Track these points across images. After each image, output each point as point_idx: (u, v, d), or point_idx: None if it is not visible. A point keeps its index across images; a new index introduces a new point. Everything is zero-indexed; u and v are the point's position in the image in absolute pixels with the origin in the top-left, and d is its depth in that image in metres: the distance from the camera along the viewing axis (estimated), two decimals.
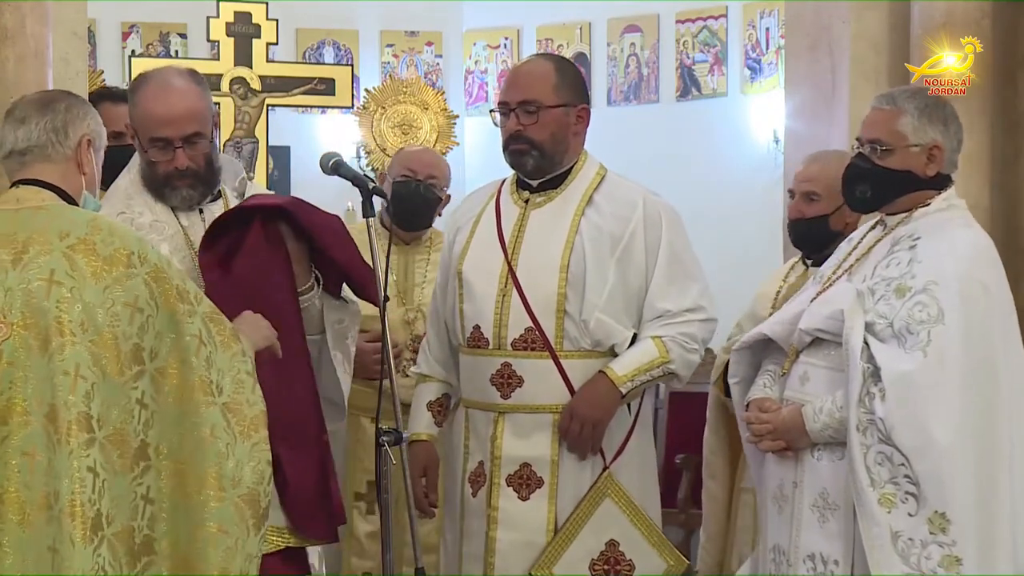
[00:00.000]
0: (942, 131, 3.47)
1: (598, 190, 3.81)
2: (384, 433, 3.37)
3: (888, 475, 3.24)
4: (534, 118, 3.74)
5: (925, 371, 3.27)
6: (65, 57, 4.19)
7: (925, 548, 3.23)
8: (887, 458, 3.25)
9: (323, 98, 9.53)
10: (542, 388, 3.74)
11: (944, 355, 3.27)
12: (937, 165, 3.47)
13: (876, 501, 3.24)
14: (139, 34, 10.44)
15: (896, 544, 3.23)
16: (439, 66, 11.20)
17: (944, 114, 3.49)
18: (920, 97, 3.53)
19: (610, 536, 3.73)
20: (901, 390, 3.26)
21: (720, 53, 10.30)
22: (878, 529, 3.24)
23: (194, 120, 3.47)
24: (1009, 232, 5.06)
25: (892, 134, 3.46)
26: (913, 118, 3.45)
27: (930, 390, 3.26)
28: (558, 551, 3.70)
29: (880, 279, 3.40)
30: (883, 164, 3.47)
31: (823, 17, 5.14)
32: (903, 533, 3.23)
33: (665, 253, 3.77)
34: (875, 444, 3.26)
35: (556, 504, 3.72)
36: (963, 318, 3.30)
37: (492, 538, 3.75)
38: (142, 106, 3.48)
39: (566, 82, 3.80)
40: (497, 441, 3.76)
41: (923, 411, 3.25)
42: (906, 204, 3.50)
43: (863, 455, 3.26)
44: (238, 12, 9.03)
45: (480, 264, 3.83)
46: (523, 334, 3.74)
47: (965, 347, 3.29)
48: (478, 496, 3.79)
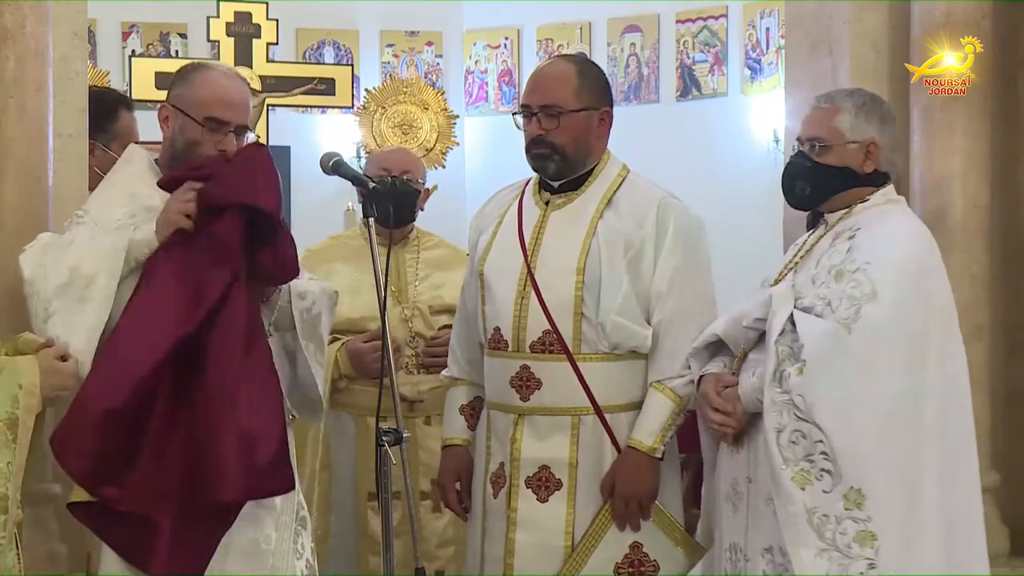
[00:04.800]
0: (879, 128, 3.56)
1: (618, 191, 3.80)
2: (384, 433, 3.36)
3: (803, 452, 3.27)
4: (555, 122, 3.73)
5: (849, 347, 3.30)
6: (65, 57, 4.18)
7: (840, 523, 3.25)
8: (803, 435, 3.27)
9: (323, 98, 9.53)
10: (560, 391, 3.72)
11: (872, 332, 3.30)
12: (874, 162, 3.56)
13: (790, 479, 3.27)
14: (139, 34, 10.45)
15: (811, 520, 3.26)
16: (439, 66, 11.21)
17: (881, 112, 3.58)
18: (858, 96, 3.61)
19: (633, 539, 3.71)
20: (823, 365, 3.29)
21: (720, 53, 10.31)
22: (793, 507, 3.27)
23: (248, 114, 3.59)
24: (1009, 232, 5.06)
25: (830, 131, 3.55)
26: (850, 115, 3.54)
27: (852, 366, 3.29)
28: (582, 559, 3.69)
29: (823, 268, 3.46)
30: (821, 161, 3.55)
31: (823, 17, 5.13)
32: (818, 509, 3.26)
33: (664, 271, 3.73)
34: (791, 423, 3.29)
35: (575, 507, 3.71)
36: (895, 297, 3.34)
37: (511, 539, 3.74)
38: (209, 86, 3.52)
39: (587, 85, 3.78)
40: (517, 443, 3.75)
41: (845, 386, 3.29)
42: (845, 200, 3.57)
43: (776, 435, 3.30)
44: (238, 12, 9.04)
45: (501, 266, 3.82)
46: (541, 336, 3.72)
47: (895, 325, 3.33)
48: (499, 497, 3.78)
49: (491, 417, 3.86)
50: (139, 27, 10.44)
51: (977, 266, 4.85)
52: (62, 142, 4.13)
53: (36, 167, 3.96)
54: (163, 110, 3.55)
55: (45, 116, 4.02)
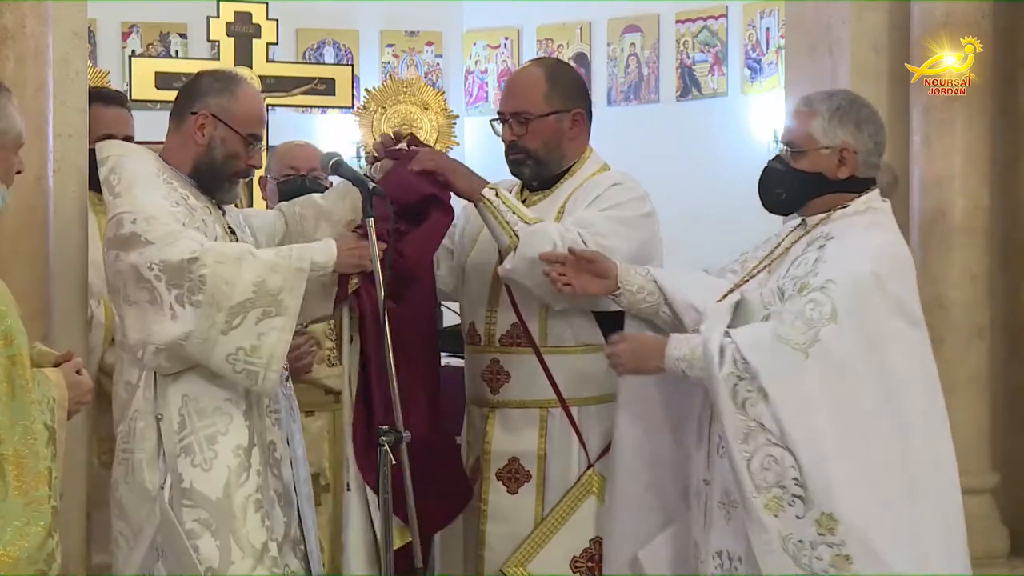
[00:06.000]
0: (853, 133, 3.43)
1: (582, 186, 3.83)
2: (384, 433, 3.37)
3: (775, 479, 3.24)
4: (525, 128, 3.80)
5: (807, 372, 3.24)
6: (65, 57, 4.17)
7: (815, 549, 3.23)
8: (776, 460, 3.24)
9: (323, 98, 9.51)
10: (528, 383, 3.78)
11: (829, 356, 3.24)
12: (849, 168, 3.45)
13: (763, 507, 3.24)
14: (139, 34, 10.45)
15: (786, 547, 3.24)
16: (439, 66, 11.21)
17: (857, 117, 3.46)
18: (835, 99, 3.50)
19: (595, 534, 3.74)
20: (786, 393, 3.24)
21: (720, 53, 10.31)
22: (767, 535, 3.24)
23: None
24: (1009, 232, 5.06)
25: (804, 136, 3.46)
26: (824, 120, 3.44)
27: (812, 392, 3.24)
28: (533, 549, 3.73)
29: (790, 279, 3.39)
30: (796, 166, 3.48)
31: (823, 17, 5.13)
32: (792, 536, 3.23)
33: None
34: (762, 447, 3.25)
35: (543, 498, 3.76)
36: (855, 321, 3.26)
37: (483, 531, 3.81)
38: (252, 102, 3.66)
39: (557, 89, 3.82)
40: (488, 436, 3.83)
41: (810, 412, 3.24)
42: (823, 205, 3.48)
43: (746, 463, 3.26)
44: (238, 12, 9.02)
45: (478, 262, 3.90)
46: (510, 330, 3.80)
47: (853, 349, 3.26)
48: (474, 491, 3.84)
49: (468, 412, 3.95)
50: (139, 27, 10.45)
51: (977, 266, 4.85)
52: (62, 142, 4.13)
53: (36, 167, 3.95)
54: (200, 117, 3.59)
55: (45, 116, 4.01)
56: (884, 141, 3.51)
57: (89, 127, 4.25)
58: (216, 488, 3.46)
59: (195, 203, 3.57)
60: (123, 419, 3.53)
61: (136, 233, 3.41)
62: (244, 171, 3.67)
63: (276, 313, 3.42)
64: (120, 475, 3.54)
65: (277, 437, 3.63)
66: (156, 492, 3.45)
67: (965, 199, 4.83)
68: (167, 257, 3.37)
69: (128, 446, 3.51)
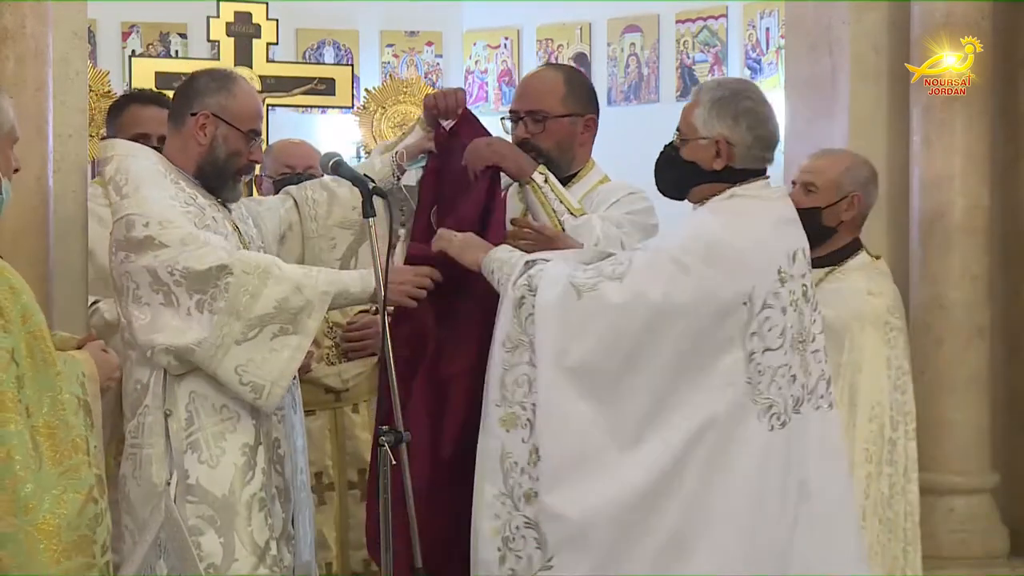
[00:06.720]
0: (730, 126, 3.46)
1: (589, 195, 3.89)
2: (384, 433, 3.37)
3: (520, 397, 3.32)
4: (541, 127, 3.86)
5: (571, 305, 3.30)
6: (65, 57, 4.18)
7: (522, 475, 3.32)
8: (530, 380, 3.32)
9: (323, 98, 9.51)
10: None
11: (598, 303, 3.30)
12: (725, 159, 3.47)
13: (498, 418, 3.34)
14: (139, 34, 10.44)
15: (503, 462, 3.34)
16: (439, 66, 11.20)
17: (736, 110, 3.47)
18: (719, 90, 3.53)
19: None
20: (550, 314, 3.32)
21: (720, 53, 10.30)
22: (494, 442, 3.34)
23: None
24: (1009, 232, 5.06)
25: (687, 125, 3.53)
26: (704, 110, 3.49)
27: (568, 324, 3.31)
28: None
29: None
30: (680, 154, 3.53)
31: (823, 17, 5.13)
32: (512, 454, 3.33)
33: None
34: (522, 364, 3.33)
35: None
36: (634, 282, 3.30)
37: None
38: (249, 99, 3.71)
39: (574, 92, 3.90)
40: None
41: (555, 339, 3.30)
42: (706, 193, 3.51)
43: (502, 372, 3.35)
44: (238, 12, 9.02)
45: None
46: None
47: (622, 309, 3.29)
48: None
49: None
50: (139, 27, 10.43)
51: (977, 266, 4.85)
52: (62, 142, 4.13)
53: (36, 167, 3.96)
54: (201, 117, 3.62)
55: (45, 116, 4.02)
56: (769, 135, 3.50)
57: (124, 127, 4.30)
58: (222, 485, 3.48)
59: (203, 202, 3.60)
60: (133, 416, 3.56)
61: (151, 236, 3.44)
62: (247, 167, 3.72)
63: (293, 331, 3.45)
64: (128, 470, 3.56)
65: (281, 434, 3.65)
66: (163, 488, 3.46)
67: (965, 199, 4.83)
68: (191, 264, 3.40)
69: (137, 441, 3.54)
